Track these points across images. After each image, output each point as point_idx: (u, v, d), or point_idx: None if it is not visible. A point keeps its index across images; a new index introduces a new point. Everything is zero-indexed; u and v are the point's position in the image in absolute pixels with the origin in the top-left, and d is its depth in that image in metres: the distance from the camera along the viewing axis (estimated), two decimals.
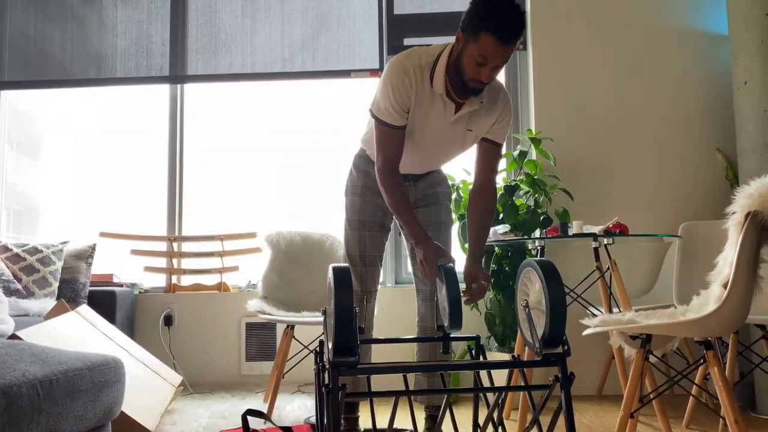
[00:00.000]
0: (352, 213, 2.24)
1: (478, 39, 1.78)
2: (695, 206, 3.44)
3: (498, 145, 2.07)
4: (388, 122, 1.96)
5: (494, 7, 1.76)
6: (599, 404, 3.10)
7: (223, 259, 3.72)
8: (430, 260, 1.81)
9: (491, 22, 1.74)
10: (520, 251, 3.20)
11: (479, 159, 2.09)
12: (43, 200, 4.65)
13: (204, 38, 3.82)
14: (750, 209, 1.61)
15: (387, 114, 1.95)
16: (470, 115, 1.99)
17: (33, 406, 1.31)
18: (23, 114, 4.84)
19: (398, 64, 1.94)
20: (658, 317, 1.86)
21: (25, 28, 3.89)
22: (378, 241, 2.23)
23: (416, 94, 1.94)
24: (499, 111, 2.01)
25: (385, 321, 3.34)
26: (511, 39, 1.76)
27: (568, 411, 1.26)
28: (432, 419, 2.21)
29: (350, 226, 2.24)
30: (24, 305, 2.96)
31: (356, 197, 2.23)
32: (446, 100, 1.95)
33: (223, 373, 3.58)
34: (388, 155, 1.97)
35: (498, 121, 2.03)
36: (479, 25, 1.77)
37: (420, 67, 1.93)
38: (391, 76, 1.93)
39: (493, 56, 1.78)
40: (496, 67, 1.82)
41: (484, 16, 1.76)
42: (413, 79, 1.92)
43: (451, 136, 2.03)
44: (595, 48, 3.55)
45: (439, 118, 1.98)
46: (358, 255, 2.21)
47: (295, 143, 3.95)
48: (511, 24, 1.75)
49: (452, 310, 1.61)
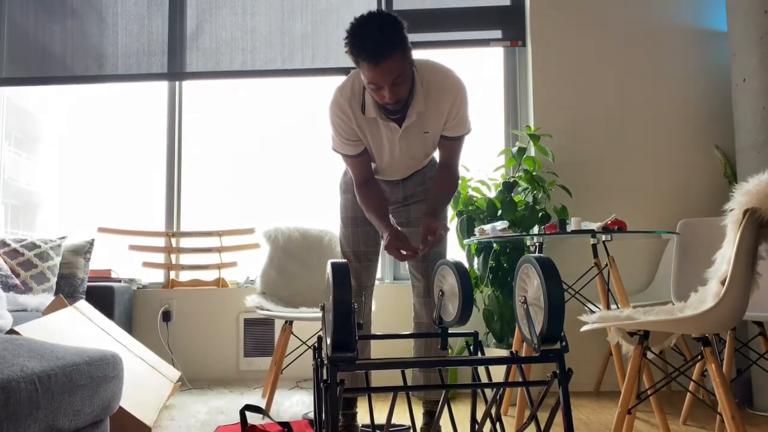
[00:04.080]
0: (345, 210, 2.28)
1: (360, 68, 1.85)
2: (693, 203, 3.44)
3: (457, 138, 2.09)
4: (348, 153, 2.08)
5: (356, 35, 1.81)
6: (597, 400, 3.10)
7: (222, 254, 3.72)
8: (390, 247, 1.90)
9: (358, 50, 1.80)
10: (519, 248, 3.20)
11: (441, 154, 2.16)
12: (41, 195, 4.64)
13: (204, 35, 3.81)
14: (748, 206, 1.61)
15: (341, 147, 2.08)
16: (419, 119, 2.00)
17: (31, 401, 1.31)
18: (22, 110, 4.83)
19: (334, 101, 2.03)
20: (655, 314, 1.86)
21: (25, 25, 3.88)
22: (371, 237, 2.25)
23: (358, 123, 2.01)
24: (447, 109, 2.00)
25: (383, 317, 3.34)
26: (383, 58, 1.77)
27: (566, 407, 1.27)
28: (430, 414, 2.22)
29: (343, 224, 2.29)
30: (22, 300, 2.96)
31: (348, 195, 2.27)
32: (385, 121, 2.00)
33: (221, 369, 3.58)
34: (357, 177, 2.13)
35: (450, 119, 2.03)
36: (354, 56, 1.83)
37: (353, 96, 2.00)
38: (331, 115, 2.04)
39: (378, 78, 1.81)
40: (392, 84, 1.82)
41: (353, 47, 1.82)
42: (349, 112, 2.00)
43: (410, 143, 2.07)
44: (594, 45, 3.55)
45: (388, 136, 2.04)
46: (352, 251, 2.25)
47: (294, 139, 3.95)
48: (375, 45, 1.77)
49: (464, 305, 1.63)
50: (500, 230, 2.72)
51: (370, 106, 1.97)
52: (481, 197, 3.27)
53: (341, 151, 2.09)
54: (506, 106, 3.73)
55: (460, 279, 1.64)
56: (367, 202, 2.08)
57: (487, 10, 3.71)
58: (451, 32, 3.70)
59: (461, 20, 3.70)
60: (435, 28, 3.71)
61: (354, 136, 2.02)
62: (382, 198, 2.11)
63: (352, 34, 1.81)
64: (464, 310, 1.63)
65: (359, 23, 1.81)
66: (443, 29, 3.70)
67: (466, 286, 1.62)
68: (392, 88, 1.82)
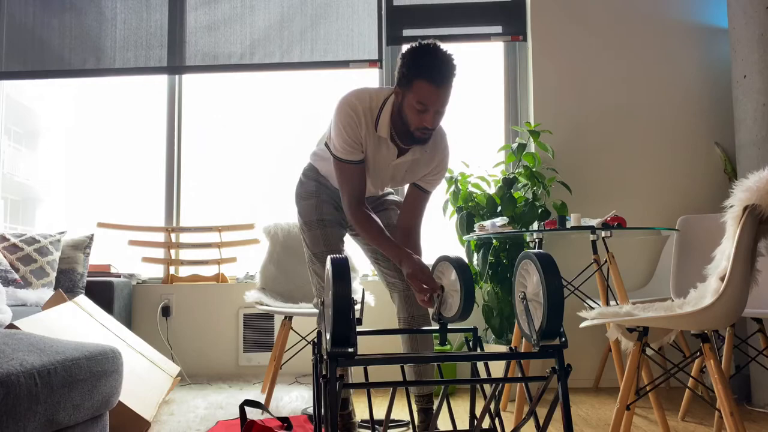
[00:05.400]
0: (309, 215, 2.22)
1: (413, 87, 1.86)
2: (693, 200, 3.44)
3: (428, 192, 2.17)
4: (348, 159, 2.04)
5: (423, 56, 1.85)
6: (596, 396, 3.11)
7: (221, 250, 3.72)
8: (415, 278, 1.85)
9: (422, 68, 1.84)
10: (518, 243, 3.20)
11: (408, 202, 2.16)
12: (40, 190, 4.64)
13: (202, 29, 3.80)
14: (748, 203, 1.61)
15: (344, 152, 2.03)
16: (413, 158, 2.09)
17: (31, 396, 1.31)
18: (21, 104, 4.82)
19: (349, 103, 2.01)
20: (655, 310, 1.86)
21: (23, 18, 3.87)
22: (340, 237, 2.23)
23: (365, 133, 2.02)
24: (435, 163, 2.11)
25: (377, 313, 3.35)
26: (444, 81, 1.84)
27: (565, 403, 1.27)
28: (424, 412, 2.21)
29: (310, 228, 2.22)
30: (21, 295, 2.96)
31: (311, 200, 2.23)
32: (390, 144, 2.03)
33: (220, 364, 3.59)
34: (352, 191, 2.05)
35: (432, 173, 2.12)
36: (412, 75, 1.86)
37: (370, 109, 2.00)
38: (342, 116, 2.00)
39: (430, 101, 1.85)
40: (437, 111, 1.88)
41: (415, 65, 1.85)
42: (362, 120, 2.00)
43: (394, 171, 2.13)
44: (595, 41, 3.54)
45: (384, 158, 2.08)
46: (326, 251, 2.18)
47: (294, 134, 3.95)
48: (441, 67, 1.84)
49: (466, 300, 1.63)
50: (500, 226, 2.73)
51: (384, 125, 1.99)
52: (481, 193, 3.27)
53: (345, 157, 2.03)
54: (506, 101, 3.73)
55: (462, 274, 1.65)
56: (372, 229, 2.02)
57: (488, 5, 3.70)
58: (452, 27, 3.70)
59: (462, 15, 3.69)
60: (436, 22, 3.70)
61: (358, 141, 2.01)
62: (379, 222, 2.08)
63: (417, 56, 1.86)
64: (466, 303, 1.63)
65: (423, 47, 1.87)
66: (444, 24, 3.70)
67: (467, 281, 1.63)
68: (436, 114, 1.89)
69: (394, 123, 1.99)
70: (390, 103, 1.98)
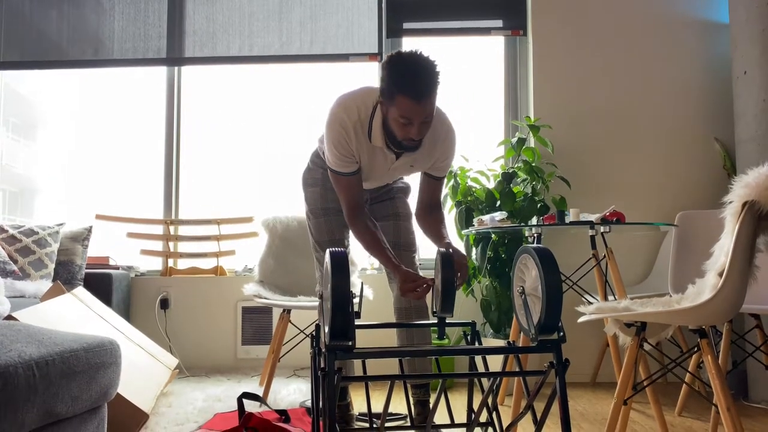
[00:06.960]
0: (314, 202, 2.28)
1: (395, 101, 1.85)
2: (692, 195, 3.44)
3: (439, 179, 2.18)
4: (342, 171, 2.05)
5: (403, 70, 1.83)
6: (593, 391, 3.12)
7: (220, 243, 3.72)
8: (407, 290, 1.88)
9: (403, 83, 1.82)
10: (517, 238, 3.20)
11: (423, 188, 2.20)
12: (39, 182, 4.63)
13: (201, 20, 3.79)
14: (747, 199, 1.61)
15: (337, 165, 2.04)
16: (413, 159, 2.09)
17: (29, 387, 1.31)
18: (19, 95, 4.80)
19: (336, 120, 2.01)
20: (653, 305, 1.86)
21: (21, 8, 3.85)
22: (343, 226, 2.26)
23: (357, 145, 2.02)
24: (439, 153, 2.10)
25: (375, 307, 3.35)
26: (425, 95, 1.82)
27: (563, 397, 1.27)
28: (420, 404, 2.22)
29: (314, 215, 2.28)
30: (20, 287, 2.96)
31: (316, 188, 2.28)
32: (386, 151, 2.04)
33: (219, 357, 3.59)
34: (350, 201, 2.08)
35: (439, 161, 2.13)
36: (393, 90, 1.84)
37: (359, 122, 2.00)
38: (333, 134, 2.01)
39: (413, 114, 1.84)
40: (422, 122, 1.87)
41: (395, 80, 1.83)
42: (352, 135, 2.00)
43: (395, 170, 2.15)
44: (595, 36, 3.53)
45: (382, 163, 2.09)
46: (329, 240, 2.25)
47: (293, 127, 3.94)
48: (421, 82, 1.82)
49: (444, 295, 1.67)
50: (499, 221, 2.72)
51: (377, 135, 1.99)
52: (480, 188, 3.27)
53: (339, 169, 2.05)
54: (506, 96, 3.72)
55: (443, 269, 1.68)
56: (368, 239, 2.05)
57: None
58: (452, 21, 3.68)
59: (462, 8, 3.68)
60: (436, 16, 3.68)
61: (351, 155, 2.03)
62: (376, 232, 2.10)
63: (395, 70, 1.84)
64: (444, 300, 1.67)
65: (401, 60, 1.85)
66: (444, 18, 3.68)
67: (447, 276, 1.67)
68: (421, 125, 1.88)
69: (386, 131, 1.98)
70: (379, 112, 1.98)
